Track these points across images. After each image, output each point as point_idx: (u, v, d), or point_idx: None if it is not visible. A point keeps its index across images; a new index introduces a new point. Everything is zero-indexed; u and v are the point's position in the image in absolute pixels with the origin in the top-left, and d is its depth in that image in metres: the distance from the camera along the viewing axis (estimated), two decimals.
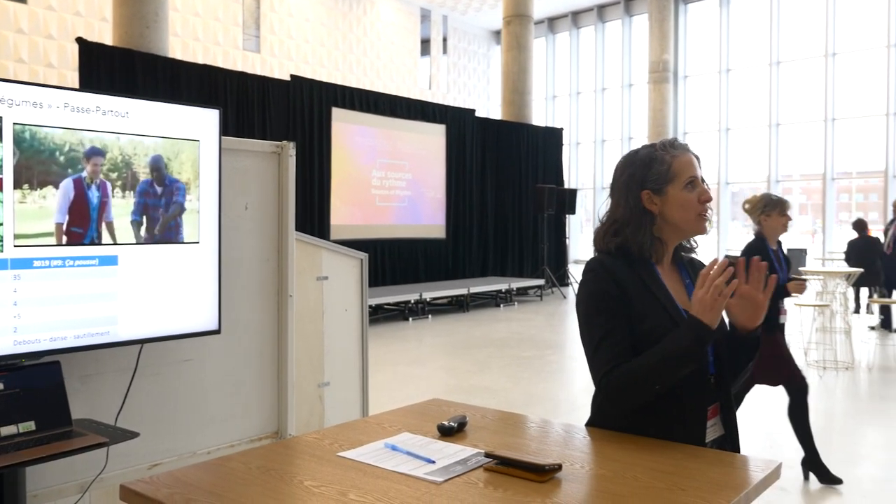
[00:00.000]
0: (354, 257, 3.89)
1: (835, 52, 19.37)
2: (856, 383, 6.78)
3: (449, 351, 8.69)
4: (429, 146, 13.46)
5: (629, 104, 23.39)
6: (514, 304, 12.95)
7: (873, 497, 3.93)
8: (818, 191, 20.08)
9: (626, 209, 1.80)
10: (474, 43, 25.51)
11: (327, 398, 3.75)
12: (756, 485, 1.44)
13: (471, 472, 1.47)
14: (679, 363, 1.64)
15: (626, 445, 1.64)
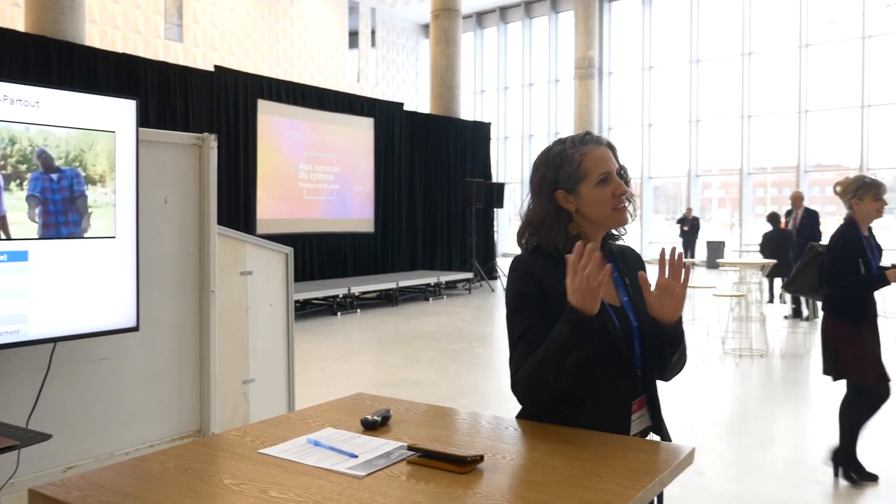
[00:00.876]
0: (279, 252, 3.84)
1: (751, 52, 20.09)
2: (769, 370, 7.06)
3: (377, 345, 8.67)
4: (357, 139, 13.36)
5: (556, 99, 23.75)
6: (442, 298, 13.00)
7: (785, 478, 4.11)
8: (735, 185, 20.80)
9: (540, 210, 1.81)
10: (403, 36, 25.45)
11: (252, 395, 3.69)
12: (671, 469, 1.48)
13: (393, 465, 1.47)
14: (562, 352, 1.62)
15: (549, 436, 1.67)
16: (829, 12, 19.22)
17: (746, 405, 5.93)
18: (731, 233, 21.71)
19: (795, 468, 4.29)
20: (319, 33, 21.74)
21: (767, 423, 5.35)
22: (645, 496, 1.37)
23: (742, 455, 4.59)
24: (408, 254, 14.48)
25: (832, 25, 19.18)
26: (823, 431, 5.11)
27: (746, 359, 7.46)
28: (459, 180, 15.28)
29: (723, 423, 5.40)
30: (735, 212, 21.09)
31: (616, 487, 1.36)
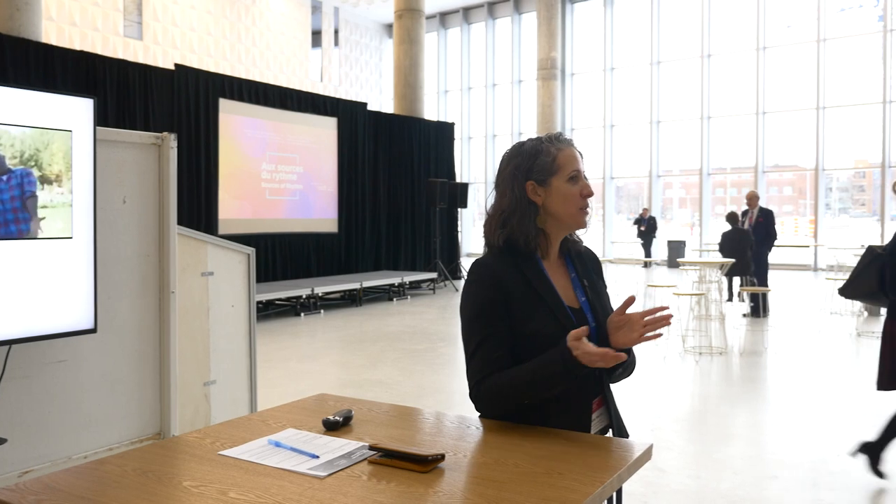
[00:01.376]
0: (241, 252, 3.81)
1: (710, 54, 20.41)
2: (728, 367, 7.18)
3: (341, 346, 8.63)
4: (320, 139, 13.30)
5: (519, 100, 23.87)
6: (406, 298, 13.00)
7: (744, 473, 4.18)
8: (696, 185, 21.12)
9: (511, 199, 1.82)
10: (366, 36, 25.37)
11: (214, 397, 3.66)
12: (629, 465, 1.51)
13: (355, 465, 1.47)
14: (548, 387, 1.67)
15: (510, 434, 1.68)
16: (785, 16, 19.61)
17: (706, 402, 6.02)
18: (691, 232, 22.04)
19: (754, 463, 4.37)
20: (282, 32, 21.58)
21: (727, 419, 5.44)
22: (604, 492, 1.39)
23: (702, 451, 4.67)
24: (372, 254, 14.45)
25: (789, 29, 19.57)
26: (782, 427, 5.22)
27: (706, 356, 7.58)
28: (423, 180, 15.29)
29: (683, 419, 5.47)
30: (695, 211, 21.41)
31: (575, 484, 1.38)
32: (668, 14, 21.34)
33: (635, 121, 21.81)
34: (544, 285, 1.79)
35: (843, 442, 4.76)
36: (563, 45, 22.60)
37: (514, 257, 1.81)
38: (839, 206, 21.95)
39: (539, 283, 1.79)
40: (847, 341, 8.46)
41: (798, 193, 21.11)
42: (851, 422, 5.22)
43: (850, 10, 18.83)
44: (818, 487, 3.94)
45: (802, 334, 8.93)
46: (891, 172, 18.44)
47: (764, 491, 3.91)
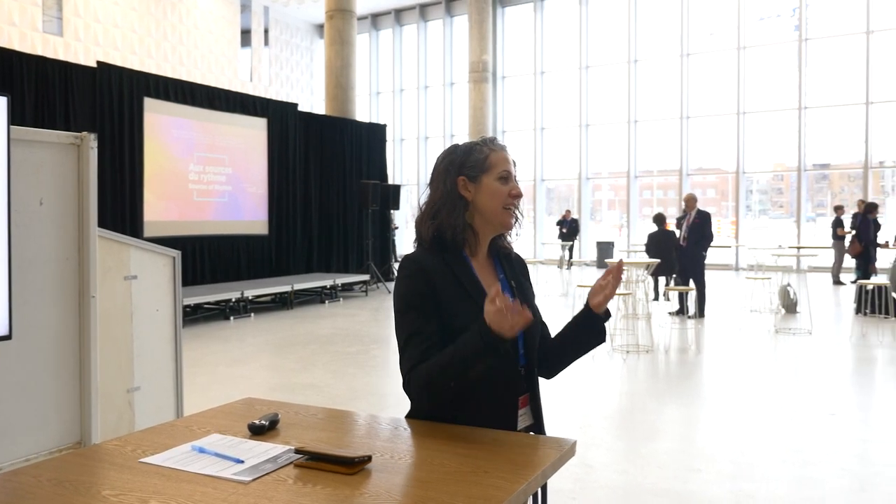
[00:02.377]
0: (166, 255, 3.72)
1: (636, 59, 20.91)
2: (655, 365, 7.37)
3: (272, 349, 8.52)
4: (250, 140, 13.09)
5: (451, 102, 23.98)
6: (339, 300, 12.91)
7: (669, 467, 4.30)
8: (624, 187, 21.59)
9: (442, 193, 1.86)
10: (297, 36, 25.10)
11: (138, 404, 3.57)
12: (553, 462, 1.54)
13: (280, 469, 1.46)
14: (469, 364, 1.66)
15: (437, 434, 1.69)
16: (708, 24, 20.24)
17: (633, 399, 6.17)
18: (619, 233, 22.51)
19: (678, 458, 4.50)
20: (210, 30, 21.15)
21: (653, 415, 5.58)
22: (528, 489, 1.42)
23: (629, 447, 4.78)
24: (303, 256, 14.29)
25: (711, 36, 20.21)
26: (706, 422, 5.39)
27: (633, 355, 7.76)
28: (355, 182, 15.21)
29: (611, 416, 5.59)
30: (623, 213, 21.89)
31: (500, 482, 1.40)
32: (596, 20, 21.78)
33: (565, 124, 22.17)
34: (472, 282, 1.82)
35: (763, 435, 4.94)
36: (495, 48, 22.81)
37: (442, 254, 1.83)
38: (759, 208, 22.77)
39: (466, 280, 1.81)
40: (766, 338, 8.78)
41: (721, 195, 21.80)
42: (771, 415, 5.42)
43: (768, 19, 19.56)
44: (738, 479, 4.08)
45: (725, 332, 9.23)
46: (806, 176, 19.23)
47: (687, 484, 4.03)
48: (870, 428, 5.10)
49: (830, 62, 18.74)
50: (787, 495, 3.84)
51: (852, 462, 4.38)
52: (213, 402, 2.15)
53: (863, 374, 6.99)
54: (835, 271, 15.33)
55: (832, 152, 19.57)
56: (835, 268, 15.34)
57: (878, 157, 18.56)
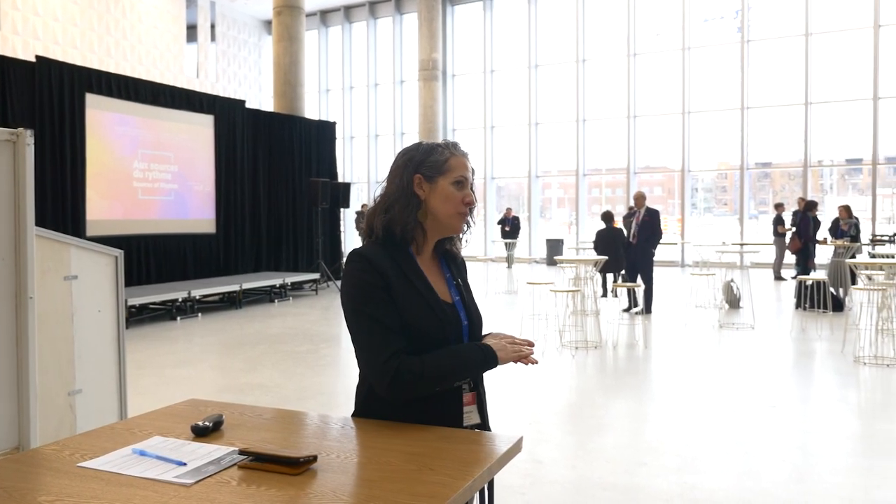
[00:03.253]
0: (108, 254, 3.64)
1: (585, 59, 21.15)
2: (603, 360, 7.47)
3: (220, 350, 8.39)
4: (196, 137, 12.87)
5: (401, 100, 23.94)
6: (288, 300, 12.78)
7: (616, 461, 4.36)
8: (573, 185, 21.83)
9: (397, 188, 1.86)
10: (244, 32, 24.74)
11: (79, 407, 3.48)
12: (499, 458, 1.55)
13: (224, 471, 1.44)
14: (464, 376, 1.83)
15: (384, 432, 1.69)
16: (654, 24, 20.58)
17: (582, 395, 6.24)
18: (569, 231, 22.76)
19: (626, 452, 4.57)
20: (154, 25, 20.72)
21: (601, 410, 5.66)
22: (474, 485, 1.43)
23: (577, 442, 4.84)
24: (252, 255, 14.12)
25: (657, 37, 20.56)
26: (652, 416, 5.48)
27: (582, 351, 7.86)
28: (305, 180, 15.08)
29: (560, 412, 5.65)
30: (573, 211, 22.13)
31: (446, 479, 1.40)
32: (545, 19, 21.96)
33: (515, 122, 22.31)
34: (419, 279, 1.83)
35: (707, 428, 5.05)
36: (445, 47, 22.84)
37: (389, 250, 1.83)
38: (704, 206, 23.25)
39: (414, 277, 1.82)
40: (710, 332, 8.98)
41: (667, 193, 22.20)
42: (714, 408, 5.55)
43: (712, 20, 19.98)
44: (683, 472, 4.16)
45: (671, 327, 9.41)
46: (749, 174, 19.71)
47: (634, 477, 4.10)
48: (809, 420, 5.25)
49: (771, 64, 19.23)
50: (730, 486, 3.94)
51: (792, 453, 4.51)
52: (158, 405, 2.11)
53: (802, 368, 7.20)
54: (776, 267, 15.75)
55: (774, 151, 20.09)
56: (776, 264, 15.75)
57: (817, 156, 19.12)
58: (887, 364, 6.90)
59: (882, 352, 7.20)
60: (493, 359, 1.83)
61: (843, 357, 7.32)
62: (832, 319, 9.55)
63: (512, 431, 1.78)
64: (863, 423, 5.22)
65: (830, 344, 8.06)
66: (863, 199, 18.53)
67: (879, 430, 4.99)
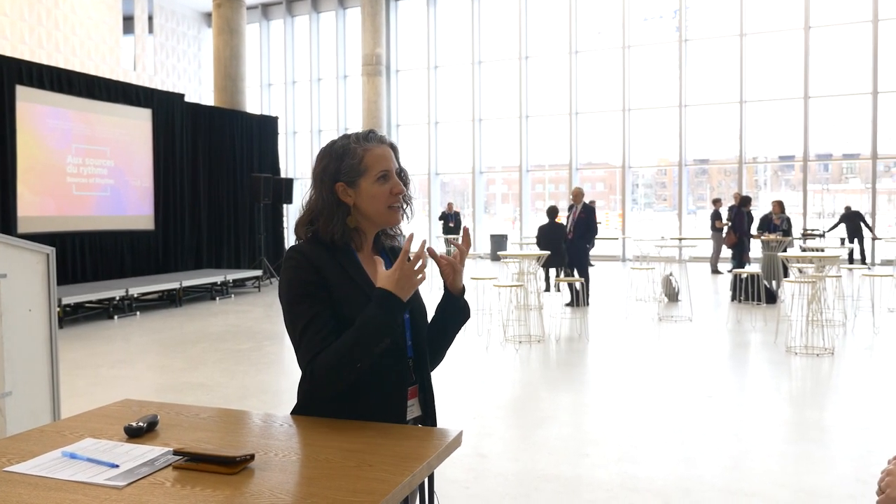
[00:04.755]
0: (39, 252, 3.53)
1: (527, 56, 21.33)
2: (546, 354, 7.56)
3: (159, 349, 8.22)
4: (133, 131, 12.56)
5: (344, 95, 23.77)
6: (230, 297, 12.59)
7: (558, 453, 4.42)
8: (516, 181, 22.00)
9: (320, 200, 1.84)
10: (183, 24, 24.21)
11: (10, 410, 3.37)
12: (438, 453, 1.55)
13: (158, 472, 1.41)
14: (376, 336, 1.69)
15: (322, 429, 1.68)
16: (595, 22, 20.86)
17: (526, 388, 6.31)
18: (513, 226, 22.93)
19: (568, 443, 4.63)
20: (88, 16, 20.12)
21: (544, 403, 5.73)
22: (413, 480, 1.43)
23: (521, 435, 4.89)
24: (192, 252, 13.85)
25: (599, 35, 20.84)
26: (594, 408, 5.57)
27: (525, 345, 7.94)
28: (246, 175, 14.86)
29: (504, 406, 5.70)
30: (517, 206, 22.30)
31: (385, 475, 1.40)
32: (488, 15, 22.06)
33: (459, 118, 22.36)
34: (359, 273, 1.82)
35: (647, 418, 5.15)
36: (388, 42, 22.74)
37: (327, 247, 1.82)
38: (644, 202, 23.68)
39: (353, 272, 1.81)
40: (650, 325, 9.16)
41: (609, 189, 22.55)
42: (654, 399, 5.67)
43: (651, 20, 20.35)
44: (623, 462, 4.24)
45: (612, 320, 9.57)
46: (687, 170, 20.16)
47: (576, 468, 4.16)
48: (743, 408, 5.41)
49: (708, 63, 19.69)
50: (667, 475, 4.03)
51: (727, 441, 4.64)
52: (94, 406, 2.06)
53: (738, 358, 7.41)
54: (713, 261, 16.15)
55: (711, 148, 20.58)
56: (713, 258, 16.16)
57: (752, 153, 19.68)
58: (817, 354, 7.15)
59: (812, 342, 7.45)
60: (391, 299, 1.69)
61: (776, 347, 7.55)
62: (766, 311, 9.84)
63: (455, 426, 1.79)
64: (794, 410, 5.40)
65: (764, 335, 8.30)
66: (795, 195, 19.12)
67: (809, 417, 5.17)
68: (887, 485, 1.14)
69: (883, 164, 18.46)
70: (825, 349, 7.28)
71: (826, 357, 7.06)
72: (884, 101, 17.62)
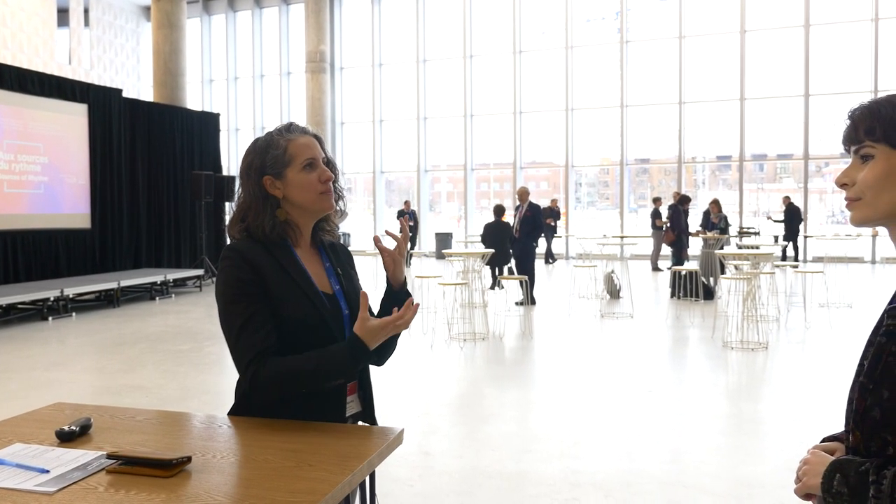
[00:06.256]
0: None
1: (472, 55, 21.42)
2: (491, 351, 7.61)
3: (96, 350, 8.01)
4: (69, 127, 12.20)
5: (288, 92, 23.53)
6: (171, 297, 12.33)
7: (501, 449, 4.46)
8: (461, 180, 22.08)
9: (248, 195, 1.83)
10: (121, 17, 23.61)
11: None
12: (379, 451, 1.55)
13: (91, 476, 1.38)
14: (334, 377, 1.73)
15: (262, 430, 1.67)
16: (539, 22, 21.06)
17: (471, 385, 6.34)
18: (458, 225, 23.02)
19: (512, 440, 4.67)
20: (21, 7, 19.46)
21: (489, 400, 5.77)
22: (353, 479, 1.43)
23: (466, 432, 4.91)
24: (131, 251, 13.53)
25: (543, 35, 21.06)
26: (537, 404, 5.63)
27: (470, 342, 7.97)
28: (187, 173, 14.57)
29: (449, 403, 5.72)
30: (462, 205, 22.39)
31: (325, 474, 1.40)
32: (433, 14, 22.08)
33: (404, 116, 22.34)
34: (297, 270, 1.80)
35: (589, 414, 5.23)
36: (333, 39, 22.58)
37: (264, 244, 1.80)
38: (588, 200, 24.03)
39: (292, 268, 1.80)
40: (592, 322, 9.30)
41: (553, 188, 22.81)
42: (596, 395, 5.76)
43: (594, 21, 20.64)
44: (565, 457, 4.30)
45: (556, 317, 9.68)
46: (629, 170, 20.52)
47: (520, 464, 4.20)
48: (682, 402, 5.53)
49: (648, 64, 20.08)
50: (609, 469, 4.10)
51: (667, 434, 4.74)
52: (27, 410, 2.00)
53: (677, 353, 7.58)
54: (653, 259, 16.49)
55: (652, 148, 21.00)
56: (653, 255, 16.49)
57: (691, 153, 20.14)
58: (752, 348, 7.36)
59: (748, 337, 7.66)
60: (362, 349, 1.69)
61: (713, 342, 7.75)
62: (703, 307, 10.09)
63: (400, 424, 1.79)
64: (730, 403, 5.55)
65: (702, 330, 8.51)
66: (732, 194, 19.64)
67: (745, 409, 5.32)
68: (804, 473, 1.19)
69: (814, 165, 19.10)
70: (760, 344, 7.50)
71: (761, 351, 7.28)
72: (815, 104, 18.23)
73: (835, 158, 18.85)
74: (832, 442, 1.29)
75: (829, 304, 10.14)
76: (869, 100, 1.19)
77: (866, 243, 17.49)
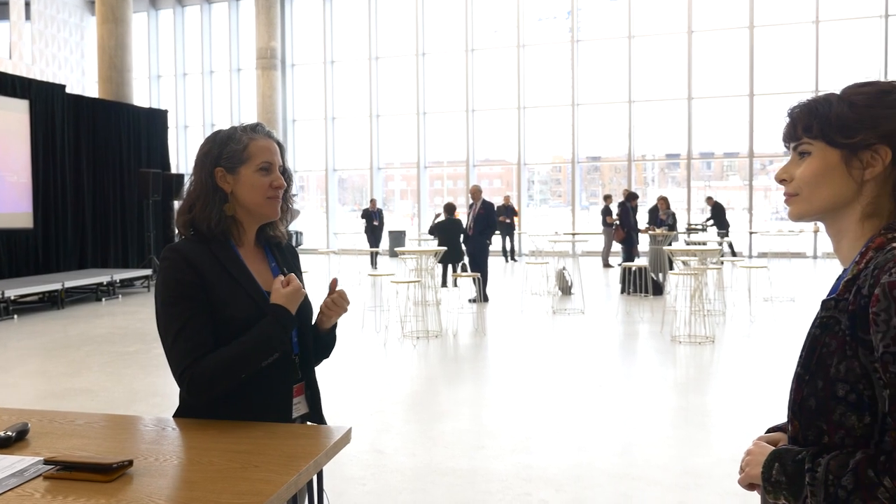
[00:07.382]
0: None
1: (425, 52, 21.41)
2: (444, 349, 7.62)
3: (40, 353, 7.80)
4: (9, 124, 11.84)
5: (238, 89, 23.22)
6: (117, 297, 12.07)
7: (453, 446, 4.47)
8: (415, 178, 22.06)
9: (198, 184, 1.80)
10: (64, 11, 23.00)
11: None
12: (326, 451, 1.54)
13: (27, 483, 1.34)
14: (268, 351, 1.70)
15: (207, 431, 1.64)
16: (492, 21, 21.15)
17: (424, 383, 6.34)
18: (412, 223, 22.99)
19: (465, 437, 4.69)
20: None
21: (442, 397, 5.78)
22: (299, 479, 1.41)
23: (418, 430, 4.91)
24: (76, 251, 13.20)
25: (495, 33, 21.14)
26: (490, 401, 5.66)
27: (423, 340, 7.97)
28: (134, 171, 14.27)
29: (402, 401, 5.71)
30: (415, 203, 22.36)
31: (270, 475, 1.38)
32: (385, 11, 22.00)
33: (356, 114, 22.22)
34: (240, 270, 1.78)
35: (541, 409, 5.28)
36: (284, 36, 22.34)
37: (206, 244, 1.77)
38: (540, 198, 24.21)
39: (234, 268, 1.77)
40: (545, 318, 9.38)
41: (506, 185, 22.91)
42: (548, 390, 5.81)
43: (546, 20, 20.79)
44: (518, 453, 4.33)
45: (508, 314, 9.74)
46: (580, 167, 20.74)
47: (472, 461, 4.21)
48: (632, 396, 5.62)
49: (599, 63, 20.31)
50: (560, 463, 4.14)
51: (617, 427, 4.81)
52: None
53: (627, 348, 7.70)
54: (604, 255, 16.70)
55: (602, 146, 21.26)
56: (604, 252, 16.70)
57: (641, 151, 20.45)
58: (699, 342, 7.51)
59: (695, 331, 7.81)
60: (285, 315, 1.74)
61: (662, 337, 7.88)
62: (653, 303, 10.26)
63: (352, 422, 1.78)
64: (679, 396, 5.65)
65: (651, 325, 8.65)
66: (680, 191, 19.99)
67: (693, 402, 5.42)
68: (747, 463, 1.22)
69: (759, 163, 19.56)
70: (707, 337, 7.65)
71: (708, 345, 7.43)
72: (760, 103, 18.66)
73: (779, 157, 19.30)
74: (776, 433, 1.32)
75: (772, 299, 10.40)
76: (807, 98, 1.22)
77: (808, 239, 17.97)
